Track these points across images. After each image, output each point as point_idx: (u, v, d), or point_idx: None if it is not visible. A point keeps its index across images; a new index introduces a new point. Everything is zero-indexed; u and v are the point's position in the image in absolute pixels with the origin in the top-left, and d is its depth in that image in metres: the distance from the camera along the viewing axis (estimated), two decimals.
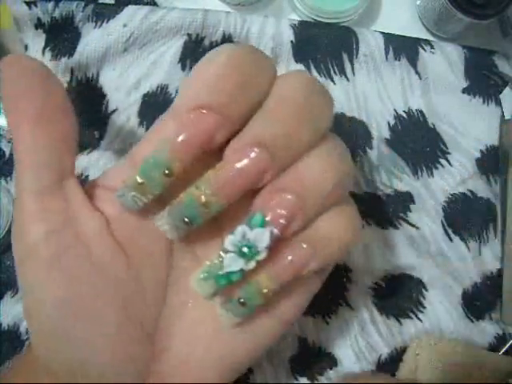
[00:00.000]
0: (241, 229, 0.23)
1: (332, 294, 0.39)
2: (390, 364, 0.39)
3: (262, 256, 0.24)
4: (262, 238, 0.23)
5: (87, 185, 0.27)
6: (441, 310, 0.39)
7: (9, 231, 0.39)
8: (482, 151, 0.40)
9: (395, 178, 0.40)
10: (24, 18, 0.41)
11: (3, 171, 0.40)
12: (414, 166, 0.40)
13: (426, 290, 0.39)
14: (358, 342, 0.39)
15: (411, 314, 0.39)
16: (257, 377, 0.39)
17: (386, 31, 0.41)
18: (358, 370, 0.39)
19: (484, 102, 0.41)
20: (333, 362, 0.39)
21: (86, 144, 0.40)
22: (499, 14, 0.39)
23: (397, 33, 0.41)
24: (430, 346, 0.37)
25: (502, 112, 0.41)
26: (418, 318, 0.39)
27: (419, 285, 0.39)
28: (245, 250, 0.23)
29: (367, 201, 0.40)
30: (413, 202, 0.40)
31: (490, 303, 0.39)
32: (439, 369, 0.37)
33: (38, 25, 0.41)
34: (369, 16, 0.42)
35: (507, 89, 0.41)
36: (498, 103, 0.41)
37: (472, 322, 0.39)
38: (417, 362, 0.37)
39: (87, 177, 0.40)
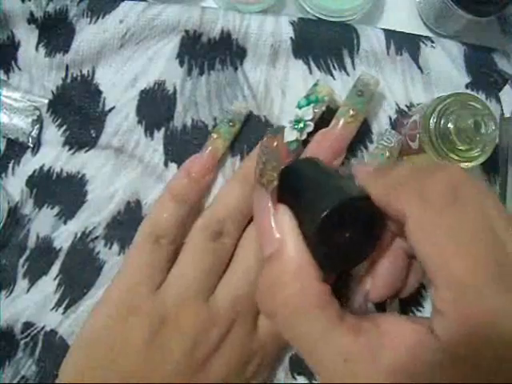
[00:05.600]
0: (294, 112, 0.34)
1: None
2: None
3: (310, 128, 0.34)
4: (307, 113, 0.34)
5: None
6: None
7: (3, 229, 0.38)
8: None
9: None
10: (16, 12, 0.40)
11: None
12: None
13: (425, 290, 0.39)
14: None
15: (410, 314, 0.39)
16: None
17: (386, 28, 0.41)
18: None
19: (486, 98, 0.40)
20: None
21: (83, 143, 0.39)
22: (500, 12, 0.38)
23: (397, 30, 0.41)
24: None
25: (502, 110, 0.41)
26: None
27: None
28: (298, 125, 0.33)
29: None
30: None
31: None
32: None
33: (31, 20, 0.40)
34: (369, 14, 0.41)
35: (507, 86, 0.41)
36: (498, 101, 0.41)
37: None
38: None
39: (84, 175, 0.39)
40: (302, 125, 0.34)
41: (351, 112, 0.35)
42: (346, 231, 0.27)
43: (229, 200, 0.35)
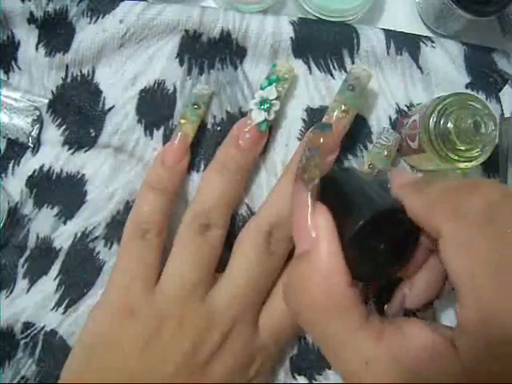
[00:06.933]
0: (257, 94, 0.36)
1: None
2: None
3: (276, 107, 0.36)
4: (271, 92, 0.35)
5: None
6: (439, 309, 0.39)
7: (3, 229, 0.38)
8: None
9: None
10: (16, 12, 0.40)
11: None
12: None
13: None
14: None
15: (410, 313, 0.39)
16: None
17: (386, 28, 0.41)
18: None
19: (486, 98, 0.40)
20: None
21: (83, 142, 0.39)
22: (500, 12, 0.38)
23: (397, 30, 0.41)
24: None
25: (502, 110, 0.40)
26: (417, 317, 0.39)
27: None
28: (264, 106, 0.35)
29: None
30: None
31: None
32: None
33: (31, 20, 0.40)
34: (368, 14, 0.41)
35: (507, 87, 0.41)
36: (498, 101, 0.41)
37: None
38: None
39: (83, 175, 0.39)
40: (267, 105, 0.35)
41: (343, 107, 0.36)
42: (379, 242, 0.27)
43: (211, 191, 0.35)
